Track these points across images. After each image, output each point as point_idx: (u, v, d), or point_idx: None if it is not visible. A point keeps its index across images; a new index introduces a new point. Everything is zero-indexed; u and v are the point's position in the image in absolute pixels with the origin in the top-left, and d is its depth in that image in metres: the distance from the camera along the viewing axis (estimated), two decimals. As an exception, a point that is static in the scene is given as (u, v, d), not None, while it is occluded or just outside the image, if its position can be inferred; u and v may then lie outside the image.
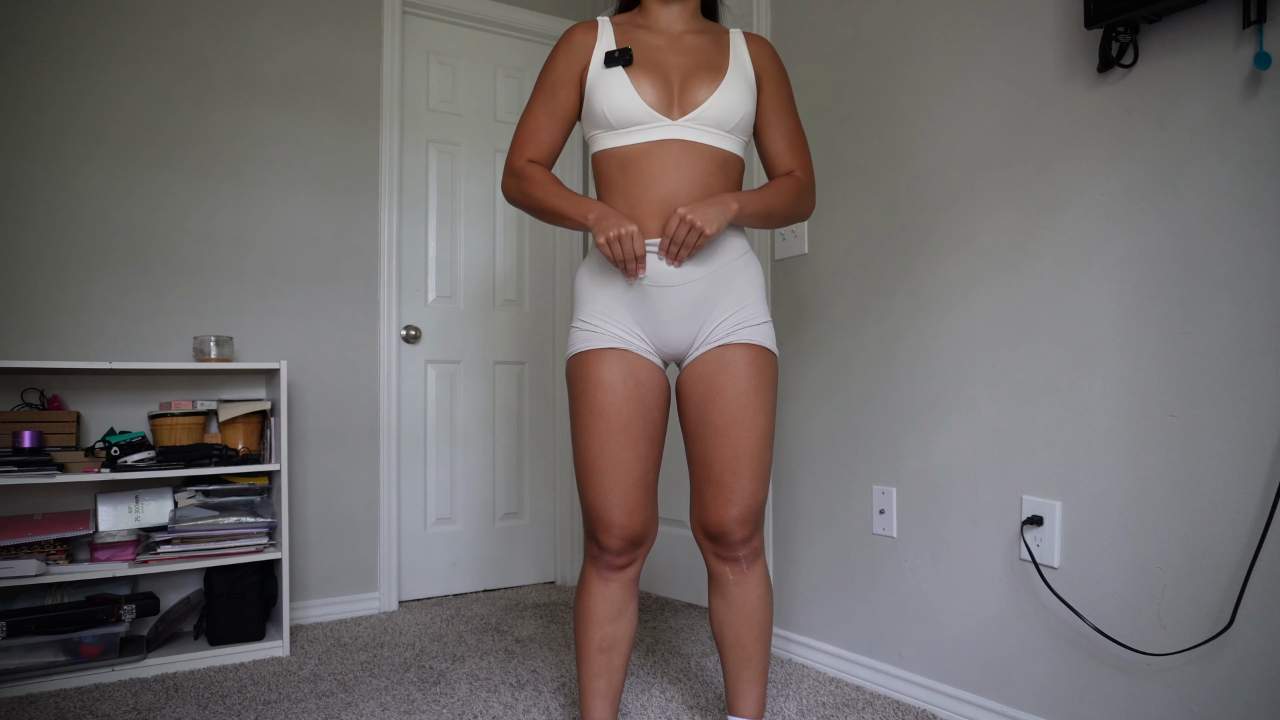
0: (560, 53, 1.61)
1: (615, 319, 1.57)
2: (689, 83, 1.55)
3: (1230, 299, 1.52)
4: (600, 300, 1.59)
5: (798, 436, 2.42)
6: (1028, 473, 1.84)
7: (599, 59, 1.57)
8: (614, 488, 1.54)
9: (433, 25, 3.22)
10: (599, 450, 1.54)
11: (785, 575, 2.47)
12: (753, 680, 1.64)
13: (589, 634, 1.62)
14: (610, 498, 1.55)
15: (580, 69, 1.60)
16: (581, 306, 1.62)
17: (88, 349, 2.54)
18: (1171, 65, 1.60)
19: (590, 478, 1.56)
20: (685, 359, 1.62)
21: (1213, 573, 1.54)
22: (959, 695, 1.97)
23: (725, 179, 1.57)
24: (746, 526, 1.58)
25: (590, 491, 1.56)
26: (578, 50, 1.60)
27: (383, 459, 3.00)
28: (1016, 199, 1.87)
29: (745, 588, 1.62)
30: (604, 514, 1.55)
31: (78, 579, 2.29)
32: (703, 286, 1.56)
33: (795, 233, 2.43)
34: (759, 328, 1.60)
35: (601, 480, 1.55)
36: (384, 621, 2.86)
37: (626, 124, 1.53)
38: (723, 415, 1.56)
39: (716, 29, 1.67)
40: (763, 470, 1.58)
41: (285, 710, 2.05)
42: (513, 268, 3.38)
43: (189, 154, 2.70)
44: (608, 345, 1.56)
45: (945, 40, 2.02)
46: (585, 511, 1.59)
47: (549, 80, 1.61)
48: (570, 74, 1.60)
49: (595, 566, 1.62)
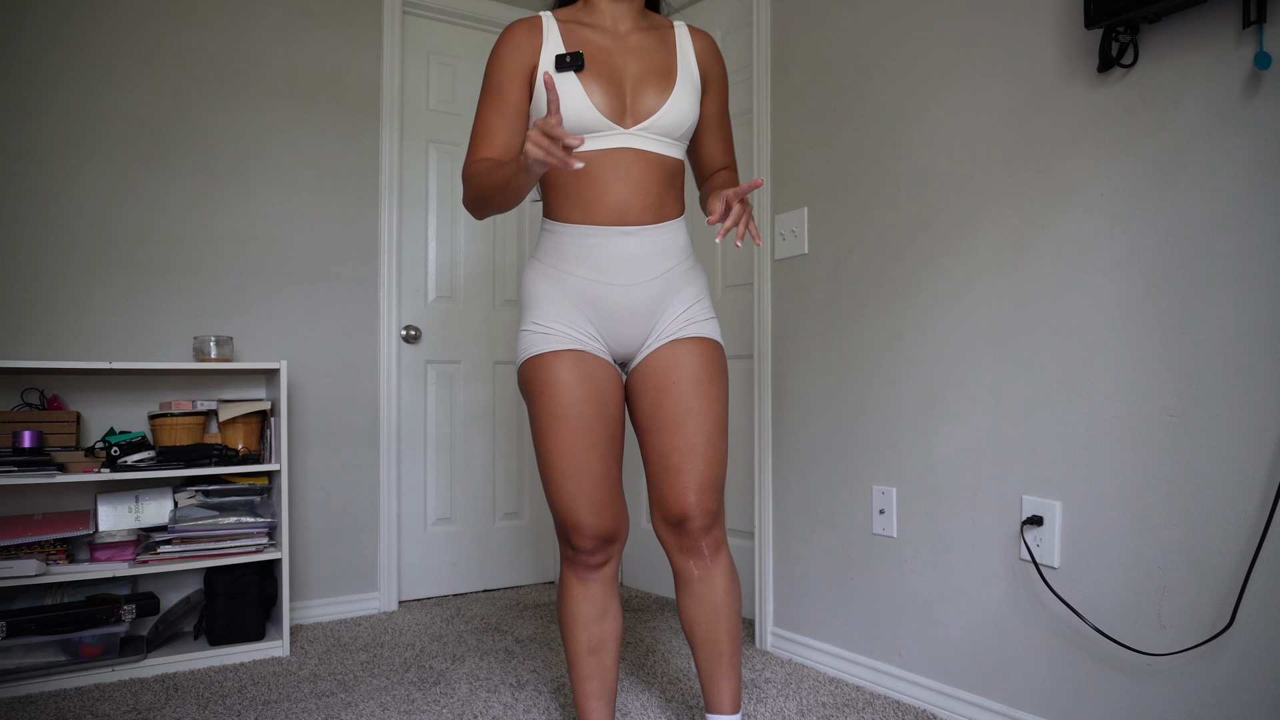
0: (505, 52, 1.54)
1: (567, 319, 1.57)
2: (640, 90, 1.55)
3: (1230, 299, 1.52)
4: (552, 301, 1.57)
5: (798, 436, 2.42)
6: (1028, 473, 1.84)
7: (547, 60, 1.53)
8: (580, 489, 1.54)
9: (433, 25, 3.23)
10: (560, 453, 1.54)
11: (785, 575, 2.48)
12: (727, 675, 1.64)
13: (577, 637, 1.62)
14: (578, 499, 1.54)
15: (528, 69, 1.54)
16: (533, 308, 1.59)
17: (88, 349, 2.54)
18: (1171, 65, 1.60)
19: (556, 481, 1.55)
20: (634, 359, 1.63)
21: (1213, 573, 1.54)
22: (959, 695, 1.97)
23: (673, 186, 1.61)
24: (707, 512, 1.57)
25: (557, 495, 1.55)
26: (524, 49, 1.54)
27: (383, 459, 3.00)
28: (1016, 199, 1.87)
29: (711, 582, 1.60)
30: (573, 516, 1.55)
31: (78, 579, 2.29)
32: (659, 285, 1.58)
33: (795, 232, 2.43)
34: (707, 323, 1.63)
35: (567, 484, 1.54)
36: (384, 621, 2.86)
37: (579, 131, 1.51)
38: (677, 405, 1.56)
39: (662, 23, 1.65)
40: (719, 456, 1.58)
41: (285, 710, 2.05)
42: (513, 268, 3.38)
43: (189, 154, 2.70)
44: (563, 347, 1.55)
45: (945, 40, 2.02)
46: (555, 515, 1.58)
47: (495, 81, 1.54)
48: (518, 73, 1.54)
49: (573, 569, 1.61)
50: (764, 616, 2.52)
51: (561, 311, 1.56)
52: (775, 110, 2.52)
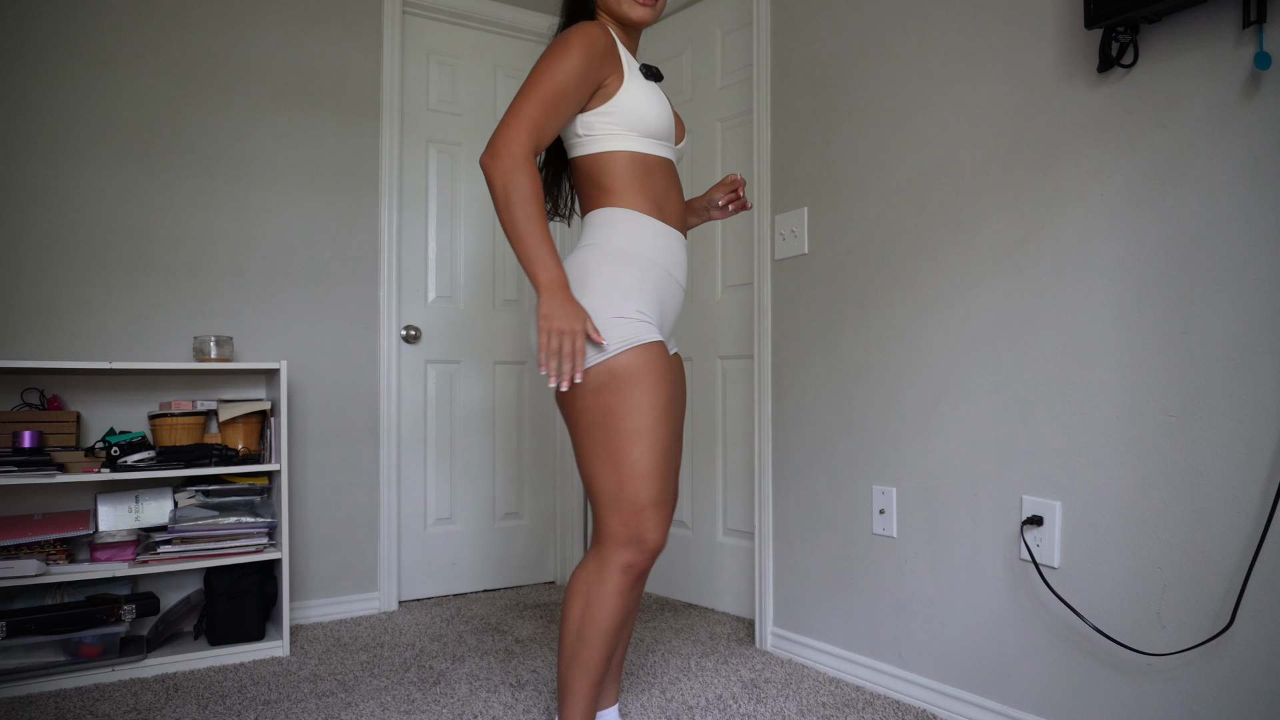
0: (595, 50, 1.52)
1: (653, 309, 1.56)
2: (676, 115, 1.72)
3: (1230, 299, 1.52)
4: (643, 290, 1.55)
5: (798, 436, 2.42)
6: (1028, 473, 1.84)
7: (631, 66, 1.59)
8: (667, 485, 1.53)
9: (433, 25, 3.22)
10: (660, 445, 1.50)
11: (785, 575, 2.48)
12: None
13: (609, 646, 1.54)
14: (665, 494, 1.52)
15: (607, 73, 1.55)
16: (630, 294, 1.53)
17: (88, 349, 2.54)
18: (1171, 65, 1.60)
19: (650, 472, 1.49)
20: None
21: (1213, 573, 1.54)
22: (959, 695, 1.97)
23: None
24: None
25: (647, 488, 1.49)
26: (610, 54, 1.55)
27: (383, 459, 3.00)
28: (1017, 199, 1.87)
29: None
30: (660, 510, 1.51)
31: (78, 579, 2.29)
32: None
33: (795, 232, 2.43)
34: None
35: (659, 476, 1.51)
36: (384, 621, 2.86)
37: (659, 136, 1.61)
38: (680, 421, 1.72)
39: None
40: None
41: (285, 710, 2.05)
42: (513, 267, 3.38)
43: (189, 154, 2.70)
44: (659, 337, 1.56)
45: (945, 40, 2.02)
46: (636, 512, 1.50)
47: (579, 70, 1.49)
48: (597, 75, 1.53)
49: (632, 575, 1.53)
50: (764, 616, 2.52)
51: (650, 302, 1.56)
52: (775, 110, 2.52)
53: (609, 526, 1.52)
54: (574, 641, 1.54)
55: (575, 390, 1.51)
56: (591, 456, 1.51)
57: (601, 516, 1.53)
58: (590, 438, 1.51)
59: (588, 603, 1.53)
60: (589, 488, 1.55)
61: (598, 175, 1.59)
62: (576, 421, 1.53)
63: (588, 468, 1.53)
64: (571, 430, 1.55)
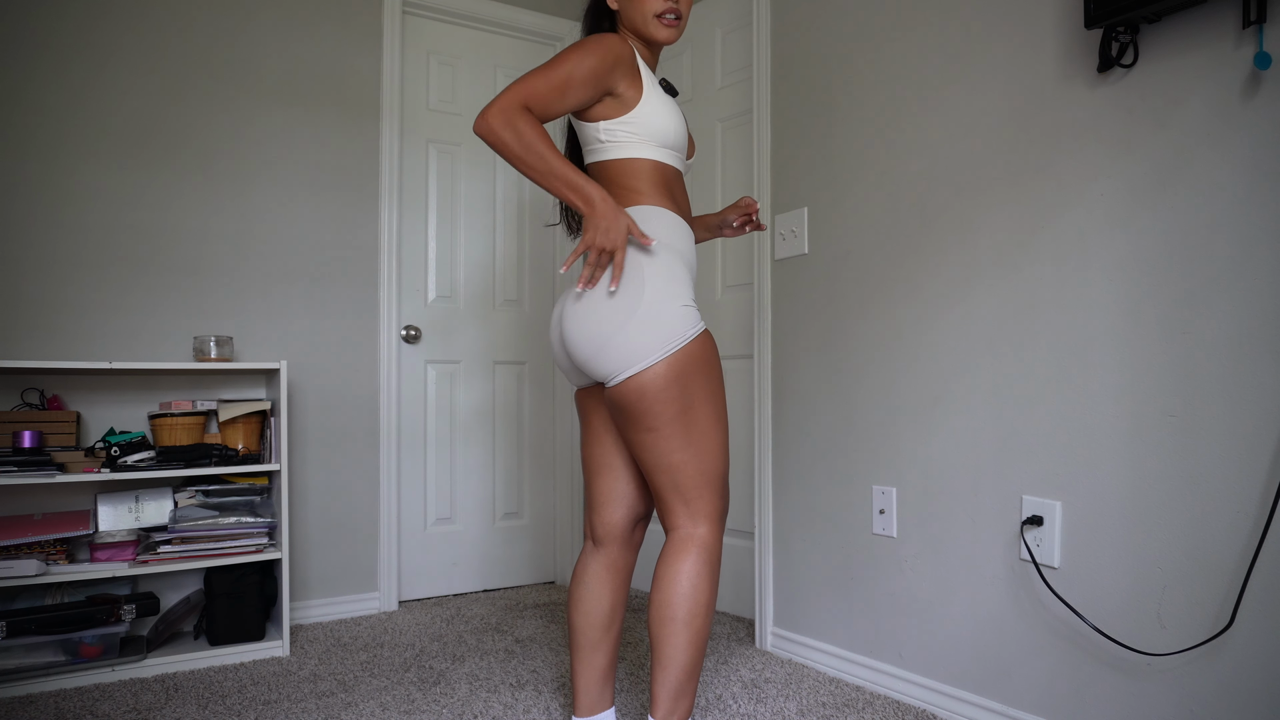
0: (610, 57, 1.55)
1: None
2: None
3: (1230, 299, 1.52)
4: (688, 282, 1.60)
5: (798, 436, 2.42)
6: (1027, 473, 1.84)
7: (651, 80, 1.64)
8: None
9: (433, 25, 3.22)
10: (727, 429, 1.62)
11: (785, 575, 2.48)
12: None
13: (709, 626, 1.60)
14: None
15: (622, 80, 1.58)
16: (685, 284, 1.57)
17: (88, 349, 2.54)
18: (1171, 65, 1.60)
19: (726, 454, 1.60)
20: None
21: (1213, 573, 1.54)
22: (959, 695, 1.97)
23: None
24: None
25: (725, 468, 1.60)
26: (628, 66, 1.59)
27: (383, 459, 3.00)
28: (1016, 199, 1.87)
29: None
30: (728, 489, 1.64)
31: (78, 579, 2.29)
32: None
33: (795, 232, 2.43)
34: None
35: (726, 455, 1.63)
36: (384, 621, 2.86)
37: (675, 148, 1.67)
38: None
39: None
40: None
41: (285, 710, 2.05)
42: (513, 267, 3.38)
43: (189, 154, 2.70)
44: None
45: (945, 40, 2.02)
46: (725, 483, 1.60)
47: (591, 67, 1.53)
48: (608, 80, 1.56)
49: (717, 553, 1.60)
50: (764, 616, 2.52)
51: (692, 292, 1.62)
52: (775, 110, 2.52)
53: (707, 503, 1.57)
54: (703, 626, 1.57)
55: (653, 383, 1.50)
56: (677, 443, 1.52)
57: (690, 499, 1.55)
58: (678, 425, 1.52)
59: (711, 584, 1.57)
60: (672, 476, 1.54)
61: (624, 177, 1.64)
62: (659, 414, 1.50)
63: (671, 455, 1.53)
64: (648, 424, 1.52)
